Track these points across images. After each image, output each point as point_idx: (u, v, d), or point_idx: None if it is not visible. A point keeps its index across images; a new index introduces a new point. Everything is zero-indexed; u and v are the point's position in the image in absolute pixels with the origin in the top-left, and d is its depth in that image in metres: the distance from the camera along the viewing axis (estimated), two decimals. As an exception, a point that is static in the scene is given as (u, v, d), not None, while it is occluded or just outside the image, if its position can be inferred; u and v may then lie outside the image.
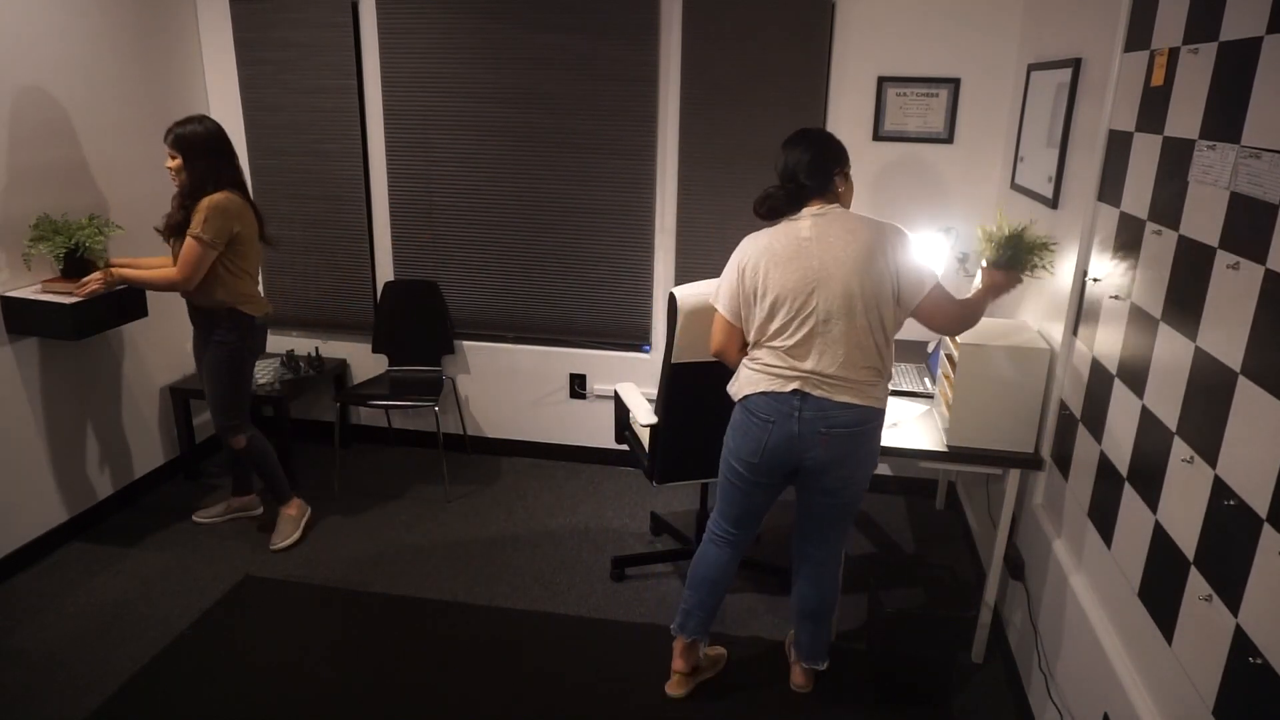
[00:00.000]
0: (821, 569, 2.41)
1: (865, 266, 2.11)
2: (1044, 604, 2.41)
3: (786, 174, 2.23)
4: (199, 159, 2.84)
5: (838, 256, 2.12)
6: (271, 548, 3.24)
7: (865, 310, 2.12)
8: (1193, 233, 1.70)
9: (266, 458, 3.25)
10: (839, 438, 2.18)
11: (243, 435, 3.16)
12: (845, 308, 2.12)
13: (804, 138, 2.25)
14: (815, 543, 2.39)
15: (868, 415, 2.19)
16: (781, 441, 2.21)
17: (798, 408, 2.17)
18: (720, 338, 2.34)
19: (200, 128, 2.86)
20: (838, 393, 2.15)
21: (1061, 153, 2.59)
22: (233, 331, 3.00)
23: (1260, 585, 1.37)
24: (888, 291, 2.13)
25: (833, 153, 2.23)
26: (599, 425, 4.02)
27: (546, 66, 3.58)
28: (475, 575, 3.14)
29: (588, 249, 3.79)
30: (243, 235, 2.92)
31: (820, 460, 2.20)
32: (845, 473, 2.23)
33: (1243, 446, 1.45)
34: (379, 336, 3.98)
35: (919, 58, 3.37)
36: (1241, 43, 1.56)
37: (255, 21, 3.73)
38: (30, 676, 2.56)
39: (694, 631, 2.50)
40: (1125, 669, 1.84)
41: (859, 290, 2.11)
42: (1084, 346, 2.30)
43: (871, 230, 2.14)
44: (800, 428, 2.18)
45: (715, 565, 2.47)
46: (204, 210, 2.82)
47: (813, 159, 2.20)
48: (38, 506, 3.16)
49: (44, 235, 2.98)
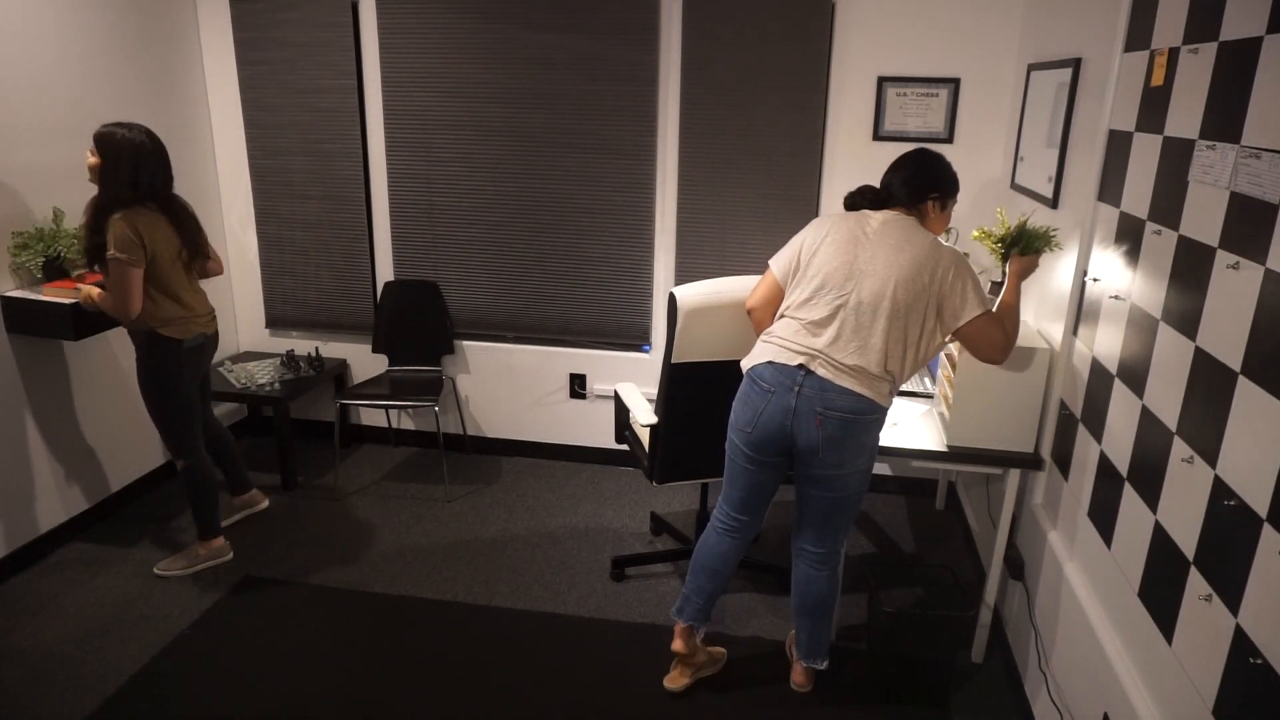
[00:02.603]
0: (819, 566, 2.42)
1: (908, 278, 2.14)
2: (1044, 604, 2.41)
3: (884, 182, 2.32)
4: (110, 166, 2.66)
5: (886, 260, 2.17)
6: (155, 569, 3.09)
7: (892, 317, 2.15)
8: (1193, 233, 1.70)
9: (198, 490, 3.07)
10: (833, 421, 2.18)
11: (183, 461, 3.02)
12: (875, 307, 2.16)
13: (915, 156, 2.31)
14: (812, 539, 2.40)
15: (866, 405, 2.19)
16: (777, 413, 2.23)
17: (799, 382, 2.20)
18: (761, 292, 2.41)
19: (129, 133, 2.67)
20: (841, 377, 2.17)
21: (1061, 153, 2.59)
22: (152, 356, 2.86)
23: (1260, 585, 1.37)
24: (921, 308, 2.16)
25: (937, 175, 2.28)
26: (599, 425, 4.03)
27: (546, 66, 3.58)
28: (475, 575, 3.14)
29: (588, 249, 3.79)
30: (155, 254, 2.74)
31: (812, 442, 2.21)
32: (836, 459, 2.23)
33: (1243, 446, 1.45)
34: (379, 336, 3.98)
35: (919, 58, 3.37)
36: (1241, 43, 1.56)
37: (255, 21, 3.73)
38: (30, 676, 2.56)
39: (691, 616, 2.51)
40: (1125, 669, 1.84)
41: (893, 297, 2.14)
42: (1084, 346, 2.30)
43: (928, 249, 2.17)
44: (798, 402, 2.20)
45: (715, 553, 2.48)
46: (111, 229, 2.65)
47: (913, 174, 2.27)
48: (37, 506, 3.16)
49: (26, 244, 2.97)
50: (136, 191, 2.72)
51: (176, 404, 2.95)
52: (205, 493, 3.10)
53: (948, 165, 2.32)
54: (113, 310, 2.77)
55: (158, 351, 2.87)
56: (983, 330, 2.18)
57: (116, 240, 2.67)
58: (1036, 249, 2.39)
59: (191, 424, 3.02)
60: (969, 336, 2.20)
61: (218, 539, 3.19)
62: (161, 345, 2.86)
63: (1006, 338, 2.22)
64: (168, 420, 2.97)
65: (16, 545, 3.08)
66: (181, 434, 3.00)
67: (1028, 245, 2.39)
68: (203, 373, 3.10)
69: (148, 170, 2.74)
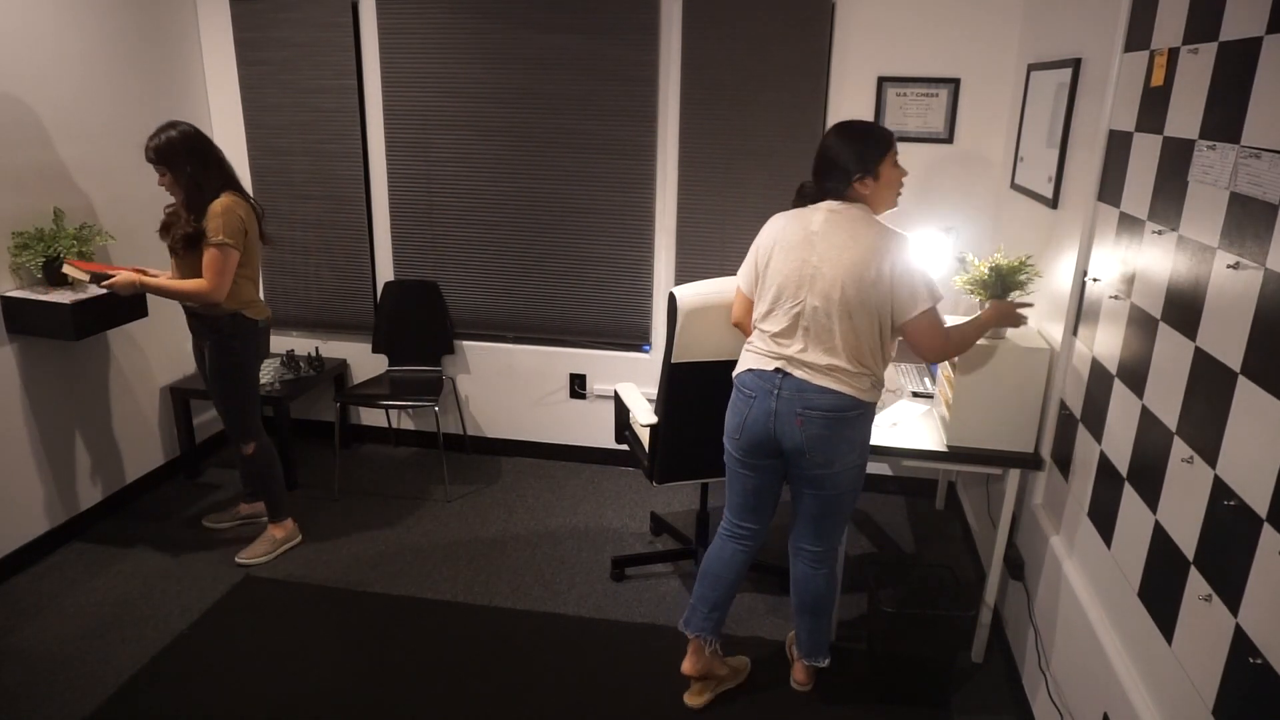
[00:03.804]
0: (816, 564, 2.41)
1: (859, 273, 2.11)
2: (1044, 604, 2.41)
3: (814, 169, 2.26)
4: (184, 164, 2.75)
5: (836, 257, 2.14)
6: (237, 559, 3.15)
7: (844, 317, 2.14)
8: (1193, 233, 1.70)
9: (271, 469, 3.19)
10: (814, 420, 2.18)
11: (253, 443, 3.13)
12: (828, 310, 2.15)
13: (834, 134, 2.22)
14: (809, 538, 2.40)
15: (846, 402, 2.18)
16: (760, 417, 2.24)
17: (778, 385, 2.21)
18: (738, 309, 2.46)
19: (174, 133, 2.75)
20: (817, 376, 2.17)
21: (1061, 153, 2.59)
22: (235, 338, 2.94)
23: (1260, 585, 1.37)
24: (879, 299, 2.13)
25: (849, 155, 2.18)
26: (599, 425, 4.02)
27: (546, 66, 3.58)
28: (475, 575, 3.14)
29: (588, 249, 3.79)
30: (250, 236, 2.88)
31: (798, 443, 2.21)
32: (823, 458, 2.22)
33: (1243, 446, 1.45)
34: (379, 336, 3.98)
35: (919, 58, 3.37)
36: (1241, 43, 1.56)
37: (255, 21, 3.73)
38: (30, 676, 2.56)
39: (698, 627, 2.49)
40: (1125, 669, 1.84)
41: (842, 299, 2.13)
42: (1084, 346, 2.30)
43: (875, 238, 2.13)
44: (778, 405, 2.21)
45: (718, 559, 2.47)
46: (218, 215, 2.76)
47: (829, 163, 2.21)
48: (38, 506, 3.16)
49: (26, 244, 2.97)
50: (224, 174, 2.85)
51: (250, 386, 3.06)
52: (277, 472, 3.21)
53: (859, 133, 2.20)
54: (200, 293, 2.80)
55: (241, 333, 2.95)
56: (925, 329, 2.16)
57: (227, 227, 2.77)
58: (1020, 284, 2.43)
59: (259, 405, 3.13)
60: (911, 333, 2.17)
61: (290, 520, 3.29)
62: (245, 327, 2.95)
63: (945, 345, 2.22)
64: (241, 402, 3.05)
65: (16, 545, 3.08)
66: (252, 416, 3.10)
67: (1008, 285, 2.43)
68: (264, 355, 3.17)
69: (217, 153, 2.86)
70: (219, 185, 2.83)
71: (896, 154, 2.22)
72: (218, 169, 2.84)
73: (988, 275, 2.45)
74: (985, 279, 2.46)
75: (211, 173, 2.82)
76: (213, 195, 2.80)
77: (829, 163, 2.20)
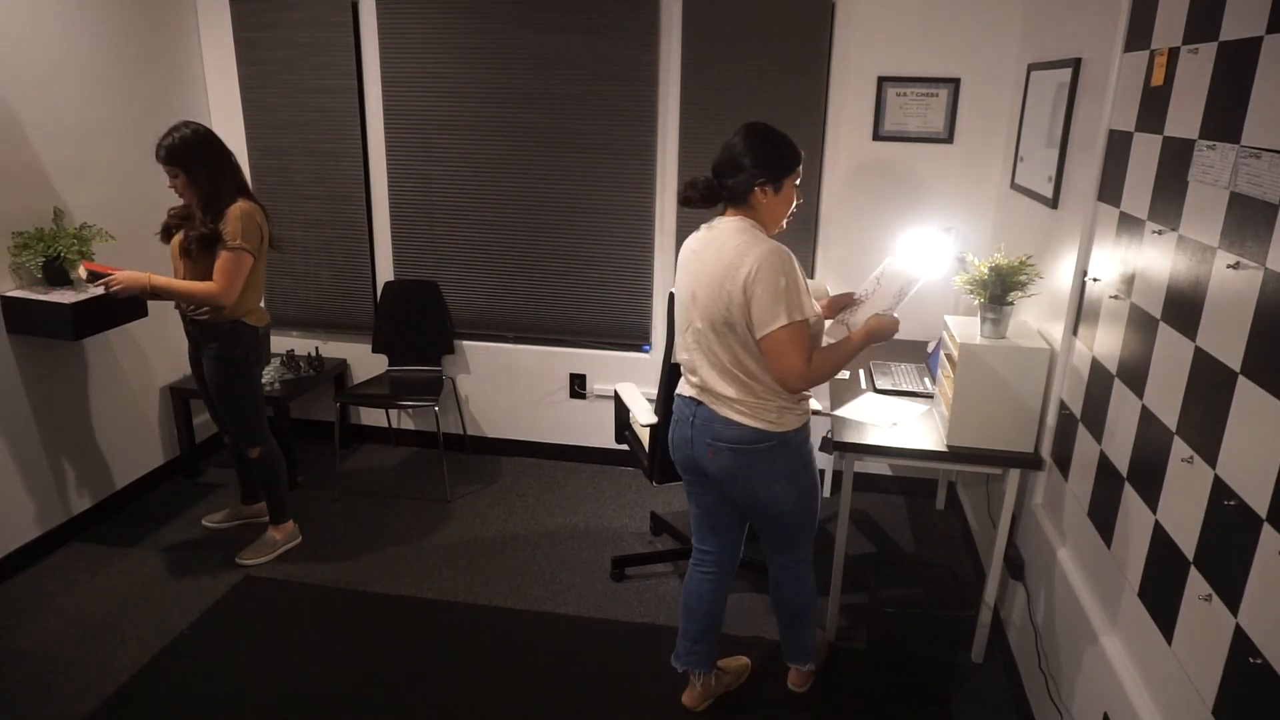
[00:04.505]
0: (783, 571, 2.37)
1: (717, 290, 2.00)
2: (1044, 604, 2.41)
3: (716, 165, 2.09)
4: (199, 164, 2.73)
5: (704, 275, 2.05)
6: (237, 559, 3.15)
7: (719, 336, 2.04)
8: (1193, 233, 1.70)
9: (276, 472, 3.19)
10: (723, 452, 2.12)
11: (259, 446, 3.12)
12: (707, 330, 2.07)
13: (748, 133, 2.05)
14: (769, 548, 2.36)
15: (751, 434, 2.07)
16: (680, 443, 2.24)
17: (692, 413, 2.18)
18: None
19: (188, 132, 2.72)
20: (721, 406, 2.10)
21: (1061, 153, 2.59)
22: (236, 345, 2.92)
23: (1260, 585, 1.37)
24: (741, 319, 1.99)
25: (766, 159, 2.03)
26: (599, 425, 4.03)
27: (547, 66, 3.58)
28: (475, 575, 3.14)
29: (588, 249, 3.79)
30: (264, 244, 2.87)
31: (714, 472, 2.17)
32: (742, 489, 2.16)
33: (1243, 446, 1.45)
34: (379, 336, 3.98)
35: (919, 58, 3.37)
36: (1241, 43, 1.56)
37: (255, 21, 3.73)
38: (30, 676, 2.56)
39: (684, 662, 2.44)
40: (1125, 669, 1.84)
41: (711, 317, 2.04)
42: (1084, 346, 2.30)
43: (736, 253, 1.98)
44: (693, 433, 2.18)
45: (688, 590, 2.42)
46: (236, 220, 2.74)
47: (734, 161, 2.04)
48: (38, 506, 3.16)
49: (26, 244, 2.97)
50: (238, 177, 2.84)
51: (255, 391, 3.05)
52: (281, 475, 3.22)
53: (776, 139, 2.05)
54: (210, 296, 2.78)
55: (242, 340, 2.93)
56: (779, 348, 1.96)
57: (245, 232, 2.76)
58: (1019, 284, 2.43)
59: (264, 409, 3.13)
60: (765, 353, 1.99)
61: (289, 522, 3.29)
62: (246, 333, 2.93)
63: (803, 368, 1.98)
64: (248, 407, 3.05)
65: (16, 545, 3.08)
66: (259, 420, 3.09)
67: (1008, 285, 2.43)
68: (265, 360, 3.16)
69: (230, 155, 2.84)
70: (234, 188, 2.81)
71: (800, 174, 2.11)
72: (231, 171, 2.83)
73: (987, 275, 2.45)
74: (985, 279, 2.46)
75: (227, 174, 2.80)
76: (229, 197, 2.78)
77: (734, 160, 2.04)
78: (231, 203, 2.78)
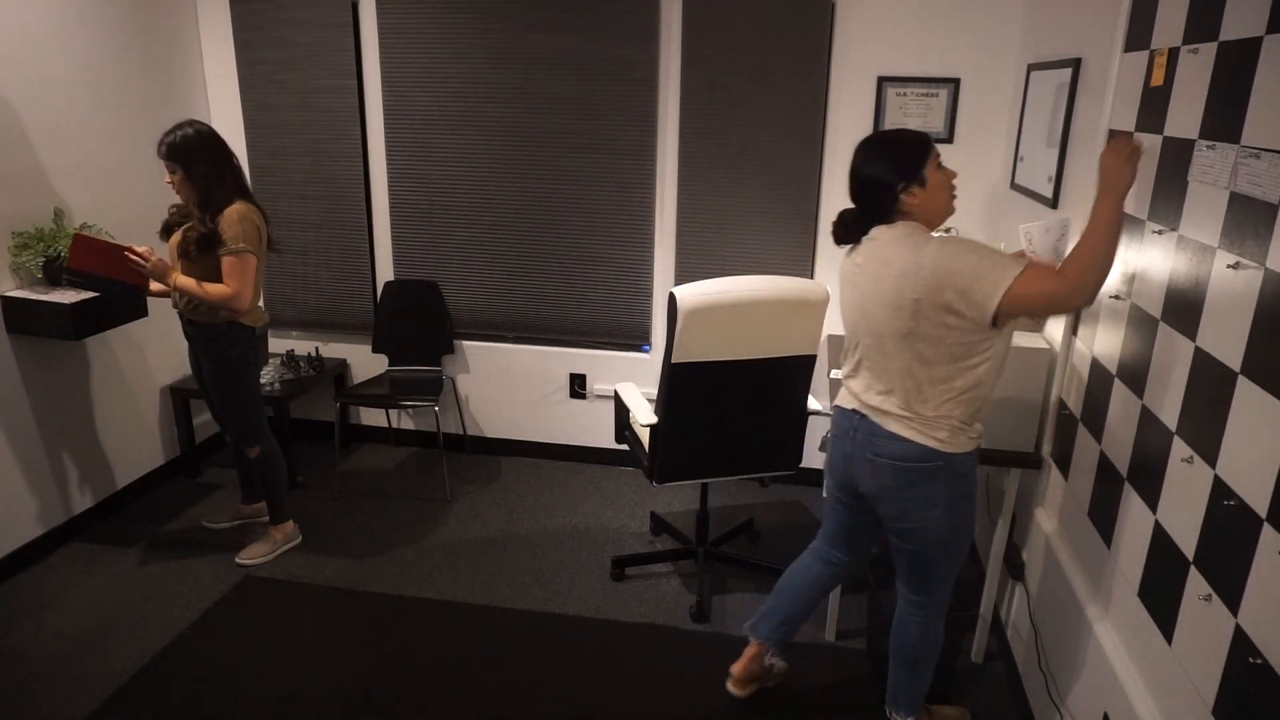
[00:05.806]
0: (911, 611, 2.22)
1: (894, 305, 1.92)
2: (1044, 604, 2.41)
3: (851, 193, 2.05)
4: (199, 163, 2.72)
5: (873, 291, 1.98)
6: (237, 559, 3.15)
7: (898, 352, 1.95)
8: (1192, 233, 1.70)
9: (276, 472, 3.19)
10: (883, 469, 2.02)
11: (259, 446, 3.13)
12: (882, 347, 1.99)
13: (863, 150, 2.01)
14: (902, 583, 2.22)
15: (921, 454, 1.97)
16: (839, 459, 2.18)
17: (854, 427, 2.09)
18: None
19: (191, 131, 2.72)
20: (887, 421, 2.01)
21: (1061, 152, 2.59)
22: (234, 346, 2.92)
23: (1260, 585, 1.37)
24: (930, 327, 1.88)
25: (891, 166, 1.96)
26: (599, 425, 4.03)
27: (547, 66, 3.58)
28: (475, 575, 3.14)
29: (588, 249, 3.79)
30: (262, 244, 2.87)
31: (870, 490, 2.09)
32: (895, 510, 2.05)
33: (1243, 446, 1.45)
34: (379, 336, 3.98)
35: (919, 58, 3.37)
36: (1241, 43, 1.56)
37: (255, 21, 3.73)
38: (30, 676, 2.56)
39: (763, 634, 2.43)
40: (1125, 669, 1.84)
41: (892, 333, 1.94)
42: (1084, 346, 2.30)
43: (905, 261, 1.90)
44: (853, 449, 2.10)
45: (802, 574, 2.40)
46: (235, 223, 2.73)
47: (864, 182, 2.00)
48: (38, 506, 3.16)
49: (26, 244, 2.97)
50: (238, 179, 2.83)
51: (253, 391, 3.06)
52: (281, 476, 3.22)
53: (890, 141, 2.01)
54: (223, 299, 2.78)
55: (240, 340, 2.93)
56: (1027, 290, 1.79)
57: (245, 233, 2.76)
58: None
59: (263, 409, 3.13)
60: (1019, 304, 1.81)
61: (289, 522, 3.30)
62: (243, 334, 2.93)
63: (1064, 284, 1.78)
64: (247, 407, 3.05)
65: (17, 545, 3.08)
66: (258, 420, 3.09)
67: None
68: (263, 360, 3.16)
69: (232, 157, 2.83)
70: (232, 188, 2.81)
71: (939, 155, 2.00)
72: (232, 173, 2.82)
73: None
74: None
75: (226, 175, 2.80)
76: (226, 198, 2.78)
77: (865, 182, 1.99)
78: (229, 204, 2.77)
